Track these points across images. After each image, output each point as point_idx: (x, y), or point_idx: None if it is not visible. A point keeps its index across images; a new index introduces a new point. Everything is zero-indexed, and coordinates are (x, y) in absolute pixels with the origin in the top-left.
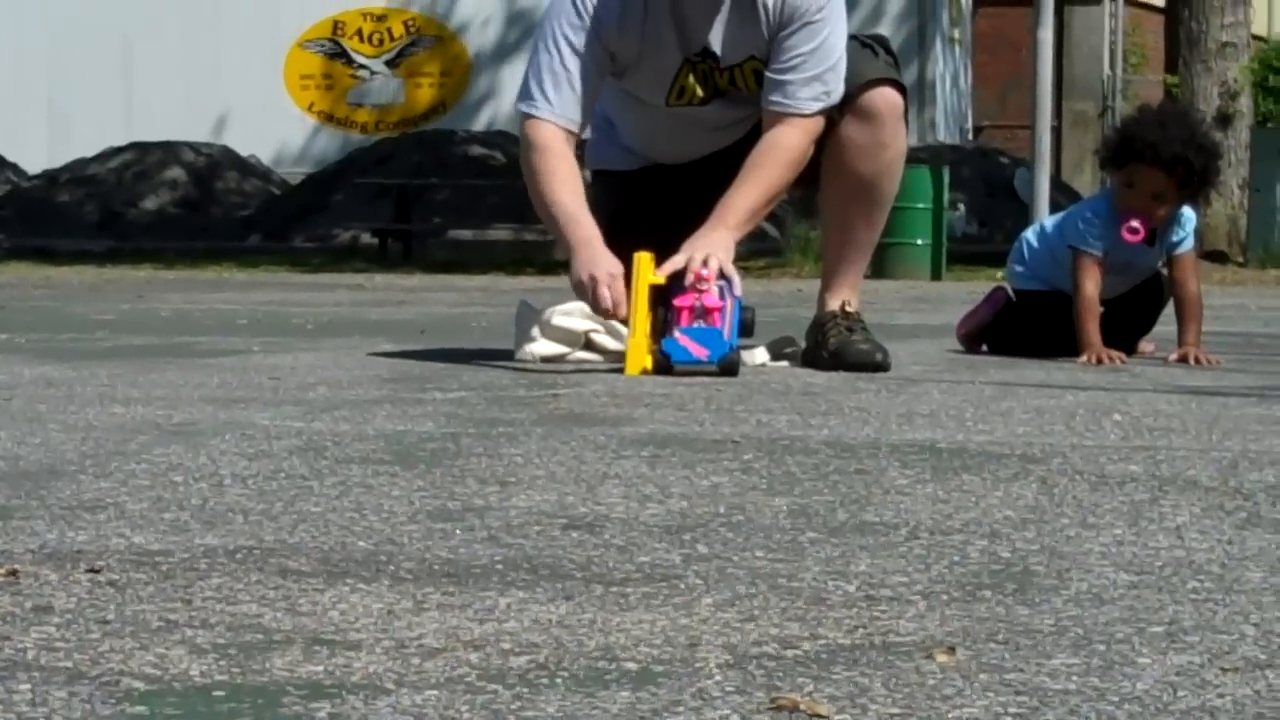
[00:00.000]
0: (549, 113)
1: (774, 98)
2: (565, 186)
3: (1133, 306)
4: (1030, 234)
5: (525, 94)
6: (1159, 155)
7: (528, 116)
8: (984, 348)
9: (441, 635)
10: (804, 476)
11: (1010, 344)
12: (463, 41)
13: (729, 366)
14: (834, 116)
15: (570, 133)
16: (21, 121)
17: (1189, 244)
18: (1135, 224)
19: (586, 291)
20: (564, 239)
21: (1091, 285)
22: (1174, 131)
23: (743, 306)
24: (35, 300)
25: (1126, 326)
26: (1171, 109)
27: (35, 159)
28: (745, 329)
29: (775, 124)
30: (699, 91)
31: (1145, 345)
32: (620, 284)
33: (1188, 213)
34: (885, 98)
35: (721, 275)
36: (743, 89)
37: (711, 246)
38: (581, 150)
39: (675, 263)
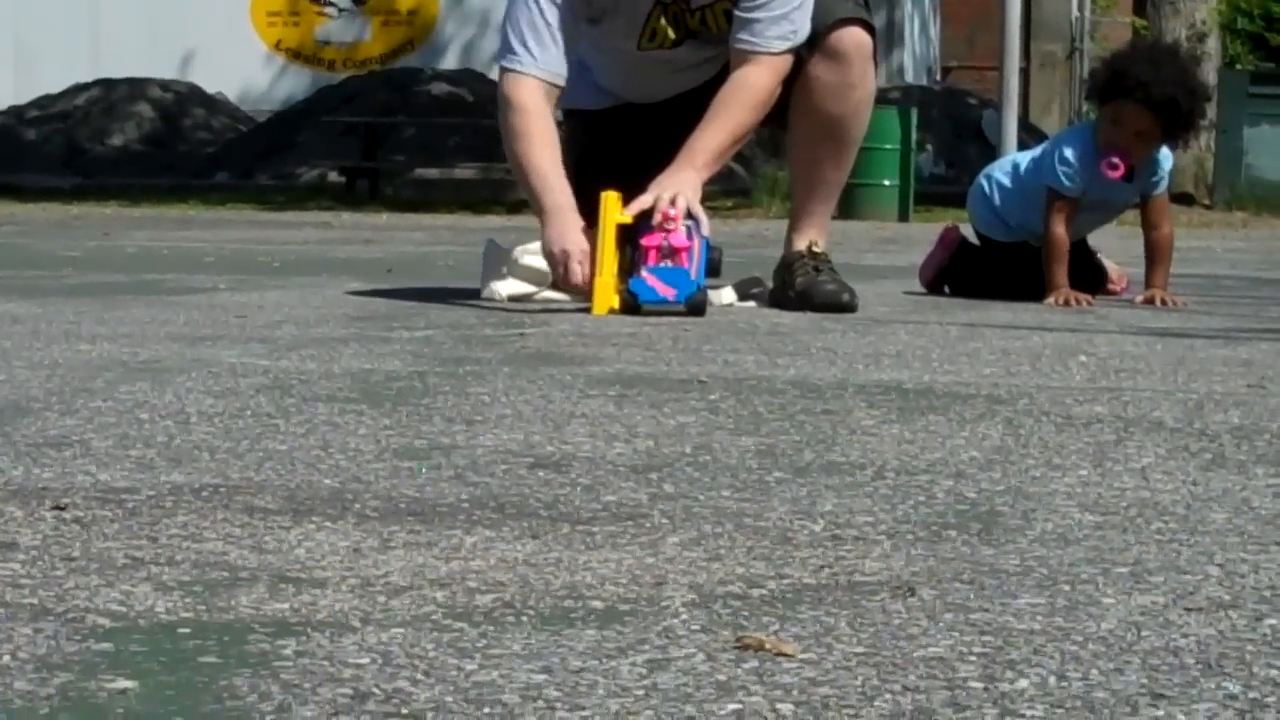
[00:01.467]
0: (534, 67)
1: (741, 36)
2: (542, 149)
3: (1086, 251)
4: (1000, 173)
5: (506, 49)
6: (1150, 95)
7: (509, 72)
8: (946, 289)
9: (408, 573)
10: (770, 416)
11: (974, 289)
12: None
13: (696, 306)
14: (803, 55)
15: (555, 86)
16: None
17: (1163, 186)
18: (1115, 160)
19: (557, 264)
20: (536, 203)
21: (1062, 228)
22: (1167, 72)
23: (710, 246)
24: (0, 237)
25: (1088, 268)
26: (1165, 48)
27: (1, 95)
28: (712, 269)
29: (743, 63)
30: (670, 33)
31: (1116, 276)
32: (588, 261)
33: (1165, 154)
34: (854, 37)
35: (689, 215)
36: (713, 29)
37: (679, 186)
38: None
39: (643, 202)
